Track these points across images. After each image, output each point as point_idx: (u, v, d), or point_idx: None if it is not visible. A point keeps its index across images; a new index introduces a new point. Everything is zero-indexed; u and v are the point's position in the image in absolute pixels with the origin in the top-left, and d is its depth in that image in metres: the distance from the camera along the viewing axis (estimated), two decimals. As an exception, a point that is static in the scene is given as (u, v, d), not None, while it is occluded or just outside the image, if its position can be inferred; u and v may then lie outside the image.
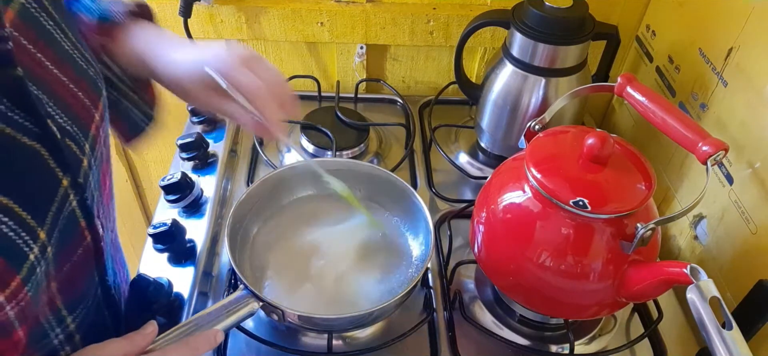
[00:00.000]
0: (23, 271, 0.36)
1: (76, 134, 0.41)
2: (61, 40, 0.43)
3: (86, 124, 0.43)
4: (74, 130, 0.41)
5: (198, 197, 0.79)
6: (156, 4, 0.92)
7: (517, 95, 0.80)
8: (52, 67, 0.40)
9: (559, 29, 0.74)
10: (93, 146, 0.44)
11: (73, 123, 0.41)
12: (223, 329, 0.55)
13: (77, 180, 0.41)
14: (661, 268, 0.53)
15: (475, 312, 0.71)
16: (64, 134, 0.40)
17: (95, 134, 0.44)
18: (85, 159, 0.42)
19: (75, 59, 0.44)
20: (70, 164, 0.40)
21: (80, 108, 0.43)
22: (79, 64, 0.44)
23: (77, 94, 0.43)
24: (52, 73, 0.40)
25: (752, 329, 0.59)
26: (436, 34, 0.96)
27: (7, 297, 0.34)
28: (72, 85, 0.42)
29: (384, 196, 0.73)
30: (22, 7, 0.39)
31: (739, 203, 0.66)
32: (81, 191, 0.42)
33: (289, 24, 0.94)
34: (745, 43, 0.66)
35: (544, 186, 0.56)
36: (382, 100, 1.03)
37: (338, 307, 0.63)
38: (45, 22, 0.41)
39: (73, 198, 0.41)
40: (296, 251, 0.68)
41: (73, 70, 0.43)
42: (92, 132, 0.44)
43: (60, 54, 0.42)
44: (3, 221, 0.34)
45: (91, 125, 0.44)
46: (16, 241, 0.35)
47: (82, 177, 0.42)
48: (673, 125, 0.58)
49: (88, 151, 0.43)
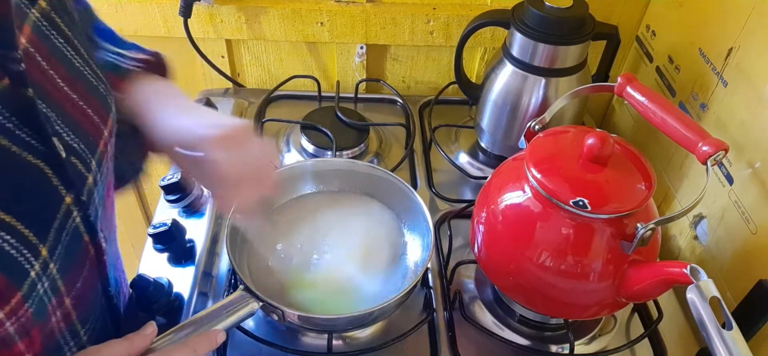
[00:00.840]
0: (24, 287, 0.36)
1: (83, 152, 0.41)
2: (72, 58, 0.43)
3: (95, 141, 0.43)
4: (81, 148, 0.41)
5: (198, 197, 0.79)
6: (156, 5, 0.92)
7: (517, 95, 0.80)
8: (62, 85, 0.41)
9: (559, 29, 0.74)
10: (100, 163, 0.44)
11: (81, 141, 0.41)
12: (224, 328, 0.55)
13: (80, 198, 0.41)
14: (661, 268, 0.53)
15: (475, 312, 0.71)
16: (71, 152, 0.40)
17: (103, 151, 0.45)
18: (91, 176, 0.42)
19: (86, 76, 0.44)
20: (74, 182, 0.40)
21: (89, 125, 0.43)
22: (90, 80, 0.44)
23: (87, 111, 0.43)
24: (63, 91, 0.41)
25: (752, 329, 0.59)
26: (436, 34, 0.96)
27: (6, 314, 0.35)
28: (82, 102, 0.42)
29: (384, 196, 0.73)
30: (36, 24, 0.40)
31: (739, 203, 0.66)
32: (85, 207, 0.42)
33: (289, 24, 0.94)
34: (745, 43, 0.66)
35: (544, 186, 0.56)
36: (382, 100, 1.03)
37: (338, 307, 0.63)
38: (55, 39, 0.41)
39: (77, 215, 0.41)
40: (296, 251, 0.68)
41: (84, 87, 0.43)
42: (100, 148, 0.44)
43: (71, 71, 0.42)
44: (5, 238, 0.34)
45: (100, 142, 0.44)
46: (17, 258, 0.35)
47: (85, 194, 0.42)
48: (673, 125, 0.58)
49: (94, 168, 0.43)
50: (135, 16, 0.93)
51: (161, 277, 0.66)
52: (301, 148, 0.89)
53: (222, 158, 0.51)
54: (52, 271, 0.38)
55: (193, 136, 0.51)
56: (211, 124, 0.52)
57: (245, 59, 1.03)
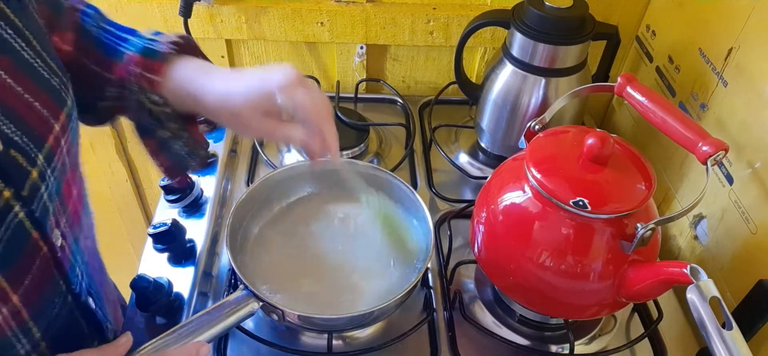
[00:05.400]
0: None
1: (26, 146, 0.41)
2: (21, 49, 0.42)
3: (41, 135, 0.43)
4: (24, 140, 0.41)
5: (198, 197, 0.79)
6: (156, 5, 0.92)
7: (517, 95, 0.80)
8: (5, 77, 0.40)
9: (559, 29, 0.74)
10: (50, 156, 0.43)
11: (24, 134, 0.41)
12: (224, 329, 0.55)
13: (20, 192, 0.40)
14: (661, 268, 0.53)
15: (475, 312, 0.71)
16: (10, 144, 0.39)
17: (53, 145, 0.44)
18: (35, 171, 0.42)
19: (35, 69, 0.43)
20: (12, 176, 0.40)
21: (35, 119, 0.42)
22: (41, 73, 0.43)
23: (33, 104, 0.42)
24: (4, 82, 0.40)
25: (752, 329, 0.59)
26: (436, 34, 0.96)
27: None
28: (28, 95, 0.41)
29: (384, 196, 0.73)
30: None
31: (739, 203, 0.66)
32: (28, 202, 0.41)
33: (289, 24, 0.94)
34: (745, 43, 0.66)
35: (544, 186, 0.56)
36: (382, 100, 1.03)
37: (338, 307, 0.63)
38: (2, 30, 0.41)
39: (20, 210, 0.40)
40: (296, 251, 0.68)
41: (30, 79, 0.42)
42: (49, 143, 0.43)
43: (18, 63, 0.41)
44: None
45: (49, 136, 0.43)
46: None
47: (27, 189, 0.41)
48: (673, 125, 0.58)
49: (41, 162, 0.42)
50: (135, 16, 0.93)
51: (161, 277, 0.66)
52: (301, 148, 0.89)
53: (303, 101, 0.52)
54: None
55: (268, 88, 0.52)
56: (276, 75, 0.52)
57: (245, 59, 1.03)
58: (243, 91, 0.52)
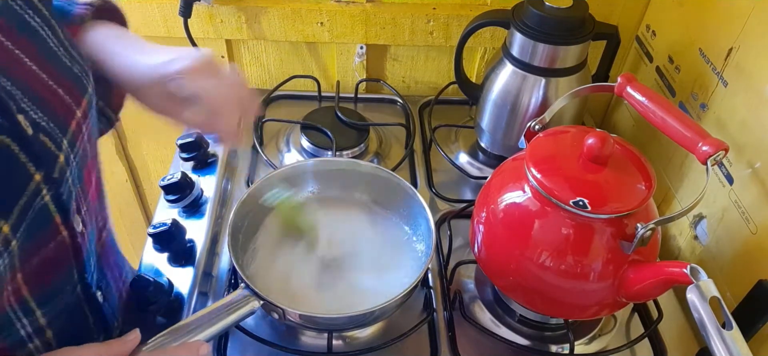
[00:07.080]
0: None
1: (52, 130, 0.41)
2: (47, 37, 0.43)
3: (65, 120, 0.43)
4: (50, 126, 0.41)
5: (198, 197, 0.79)
6: (156, 5, 0.92)
7: (517, 95, 0.80)
8: (30, 64, 0.41)
9: (559, 29, 0.74)
10: (73, 142, 0.44)
11: (50, 119, 0.41)
12: (224, 327, 0.55)
13: (52, 175, 0.41)
14: (661, 268, 0.53)
15: (475, 312, 0.71)
16: (38, 129, 0.40)
17: (75, 131, 0.44)
18: (62, 155, 0.42)
19: (59, 56, 0.44)
20: (43, 159, 0.40)
21: (59, 104, 0.43)
22: (63, 61, 0.44)
23: (57, 91, 0.43)
24: (30, 69, 0.41)
25: (752, 329, 0.59)
26: (436, 34, 0.96)
27: None
28: (52, 82, 0.42)
29: (384, 196, 0.73)
30: (5, 3, 0.40)
31: (739, 203, 0.66)
32: (56, 185, 0.42)
33: (289, 24, 0.94)
34: (745, 43, 0.67)
35: (544, 186, 0.56)
36: (382, 100, 1.03)
37: (338, 306, 0.63)
38: (30, 18, 0.41)
39: (47, 193, 0.41)
40: (297, 251, 0.68)
41: (54, 67, 0.43)
42: (72, 128, 0.44)
43: (43, 51, 0.42)
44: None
45: (71, 122, 0.44)
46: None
47: (57, 172, 0.41)
48: (673, 125, 0.58)
49: (66, 147, 0.43)
50: (135, 16, 0.93)
51: (161, 277, 0.66)
52: (301, 148, 0.89)
53: (205, 86, 0.51)
54: (12, 248, 0.38)
55: (168, 71, 0.51)
56: (182, 56, 0.51)
57: (245, 59, 1.03)
58: (145, 69, 0.52)
